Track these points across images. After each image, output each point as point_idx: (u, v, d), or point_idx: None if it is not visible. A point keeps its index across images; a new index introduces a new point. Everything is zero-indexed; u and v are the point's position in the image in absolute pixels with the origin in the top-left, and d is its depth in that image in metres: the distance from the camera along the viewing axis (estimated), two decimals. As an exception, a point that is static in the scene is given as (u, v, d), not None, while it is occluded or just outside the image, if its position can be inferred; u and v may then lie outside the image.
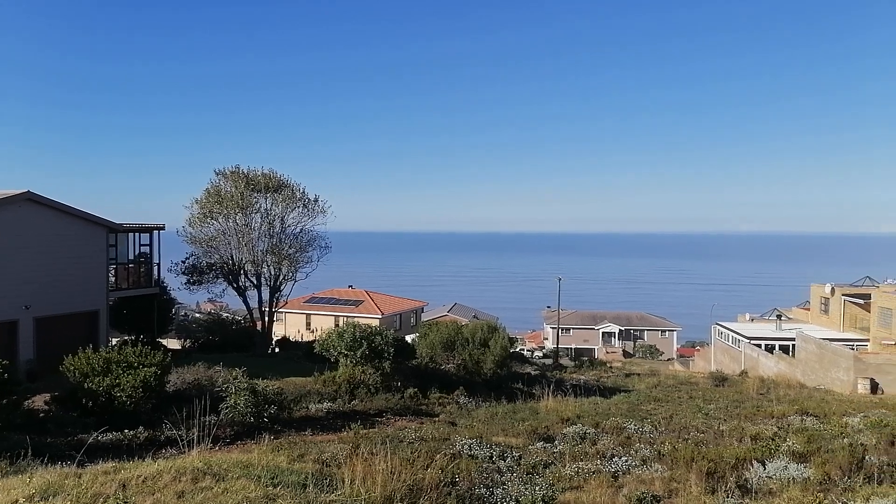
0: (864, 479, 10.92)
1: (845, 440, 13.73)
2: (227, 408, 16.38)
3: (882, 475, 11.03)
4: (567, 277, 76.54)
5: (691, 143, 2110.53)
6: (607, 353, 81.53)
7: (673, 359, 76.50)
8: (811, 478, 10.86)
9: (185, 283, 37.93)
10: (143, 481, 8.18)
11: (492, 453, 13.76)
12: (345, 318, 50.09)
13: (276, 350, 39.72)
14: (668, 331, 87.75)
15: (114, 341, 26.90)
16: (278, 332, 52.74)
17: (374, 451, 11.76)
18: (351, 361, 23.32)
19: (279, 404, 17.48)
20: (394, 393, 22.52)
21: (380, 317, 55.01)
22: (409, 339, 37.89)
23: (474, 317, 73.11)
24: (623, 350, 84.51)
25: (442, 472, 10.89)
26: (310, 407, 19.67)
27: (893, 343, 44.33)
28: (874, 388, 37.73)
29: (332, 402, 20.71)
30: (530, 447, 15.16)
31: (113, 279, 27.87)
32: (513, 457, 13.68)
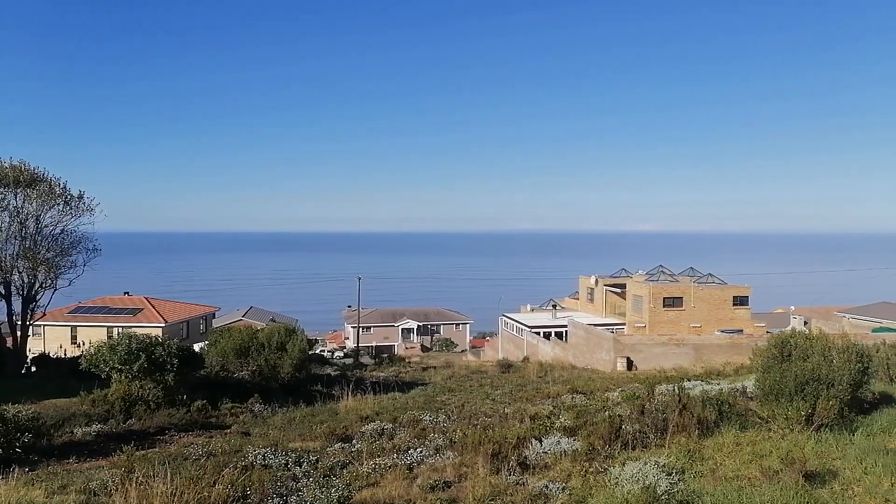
0: (622, 446, 12.51)
1: (606, 413, 15.60)
2: (-37, 442, 13.78)
3: (635, 441, 12.73)
4: (367, 276, 77.26)
5: (480, 148, 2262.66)
6: (406, 348, 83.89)
7: (466, 350, 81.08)
8: (579, 449, 12.15)
9: None
10: None
11: (287, 460, 13.30)
12: (120, 329, 45.04)
13: (33, 369, 34.51)
14: (462, 324, 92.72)
15: None
16: (36, 348, 45.85)
17: (153, 472, 10.73)
18: (126, 376, 21.06)
19: (35, 431, 15.16)
20: (179, 407, 20.83)
21: (163, 325, 50.46)
22: (197, 347, 35.32)
23: (272, 320, 70.36)
24: (421, 345, 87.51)
25: (231, 486, 10.26)
26: (75, 431, 17.38)
27: (643, 325, 51.70)
28: (630, 365, 43.64)
29: (104, 423, 18.52)
30: (329, 449, 14.96)
31: None
32: (310, 461, 13.37)
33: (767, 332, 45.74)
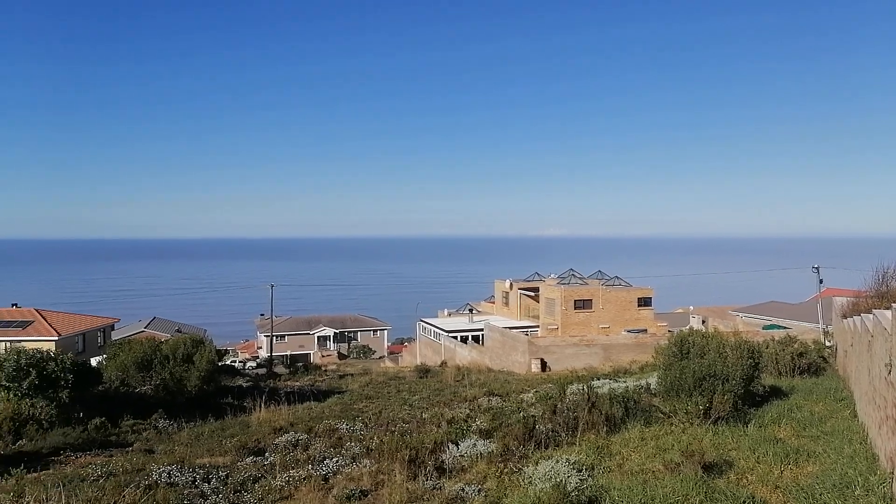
0: (535, 445, 12.81)
1: (521, 414, 15.96)
2: None
3: (548, 440, 13.07)
4: (280, 283, 75.15)
5: (387, 154, 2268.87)
6: (323, 356, 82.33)
7: (384, 356, 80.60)
8: (495, 451, 12.34)
9: None
10: None
11: (195, 477, 12.72)
12: (8, 344, 41.63)
13: None
14: (380, 330, 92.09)
15: None
16: None
17: (46, 496, 10.02)
18: (15, 394, 19.50)
19: None
20: (75, 426, 19.52)
21: (56, 339, 47.04)
22: (94, 361, 33.24)
23: (178, 331, 67.18)
24: (338, 352, 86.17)
25: (133, 507, 9.72)
26: (-45, 456, 15.88)
27: (556, 327, 53.28)
28: (544, 366, 44.85)
29: (-11, 446, 17.05)
30: (239, 463, 14.44)
31: None
32: (219, 477, 12.84)
33: (669, 331, 48.30)
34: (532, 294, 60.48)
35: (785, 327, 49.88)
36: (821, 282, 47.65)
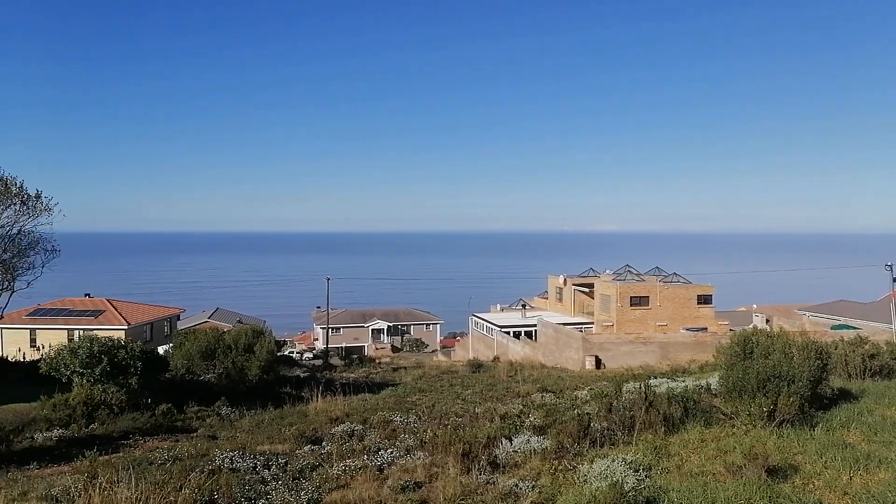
0: (590, 443, 12.65)
1: (575, 411, 15.77)
2: (-86, 450, 13.29)
3: (603, 439, 12.89)
4: (335, 277, 76.62)
5: (440, 148, 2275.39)
6: (377, 349, 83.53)
7: (437, 350, 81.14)
8: (549, 448, 12.25)
9: None
10: None
11: (256, 463, 13.13)
12: (81, 332, 43.97)
13: (-10, 374, 33.36)
14: (433, 324, 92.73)
15: None
16: (-7, 352, 44.51)
17: (117, 478, 10.52)
18: (88, 380, 20.57)
19: (-7, 438, 14.71)
20: (143, 411, 20.45)
21: (126, 328, 49.37)
22: (161, 350, 34.69)
23: (239, 322, 69.41)
24: (392, 345, 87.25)
25: (198, 490, 10.11)
26: (36, 436, 16.97)
27: (611, 324, 52.39)
28: (598, 363, 44.20)
29: (66, 428, 18.10)
30: (298, 452, 14.82)
31: None
32: (278, 464, 13.22)
33: (731, 329, 46.75)
34: (586, 290, 59.64)
35: (855, 327, 47.55)
36: (894, 280, 45.20)
